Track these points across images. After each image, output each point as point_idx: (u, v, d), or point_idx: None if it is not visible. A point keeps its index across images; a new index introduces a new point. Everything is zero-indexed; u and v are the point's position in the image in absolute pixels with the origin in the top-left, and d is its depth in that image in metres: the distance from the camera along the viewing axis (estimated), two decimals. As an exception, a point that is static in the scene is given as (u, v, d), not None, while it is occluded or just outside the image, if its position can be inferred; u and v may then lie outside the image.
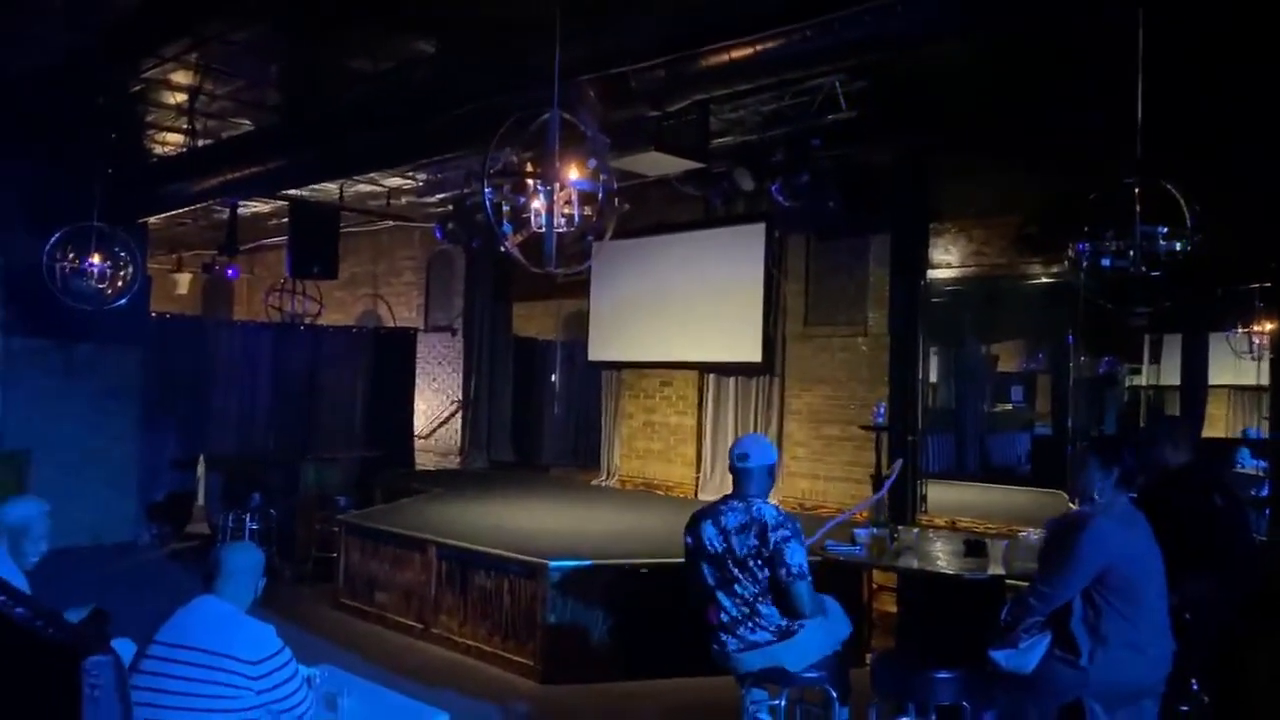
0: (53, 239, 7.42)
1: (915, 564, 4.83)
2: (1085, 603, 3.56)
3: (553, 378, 12.84)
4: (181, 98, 8.14)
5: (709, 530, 4.03)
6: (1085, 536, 3.53)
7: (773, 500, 4.19)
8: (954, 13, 4.67)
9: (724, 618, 3.97)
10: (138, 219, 9.54)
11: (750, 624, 3.94)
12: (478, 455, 11.92)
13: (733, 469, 4.12)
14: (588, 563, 6.12)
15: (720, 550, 3.98)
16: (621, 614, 6.02)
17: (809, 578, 3.91)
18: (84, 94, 7.84)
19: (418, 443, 12.59)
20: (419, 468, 12.00)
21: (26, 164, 8.61)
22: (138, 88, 7.89)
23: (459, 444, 12.41)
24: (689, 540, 4.10)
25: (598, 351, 10.49)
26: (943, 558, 4.92)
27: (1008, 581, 4.56)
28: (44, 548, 3.86)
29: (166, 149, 9.51)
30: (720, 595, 3.98)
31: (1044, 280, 7.29)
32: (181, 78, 7.70)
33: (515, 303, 12.34)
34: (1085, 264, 4.66)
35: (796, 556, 3.88)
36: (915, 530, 5.53)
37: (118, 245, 7.66)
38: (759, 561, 3.91)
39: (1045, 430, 8.19)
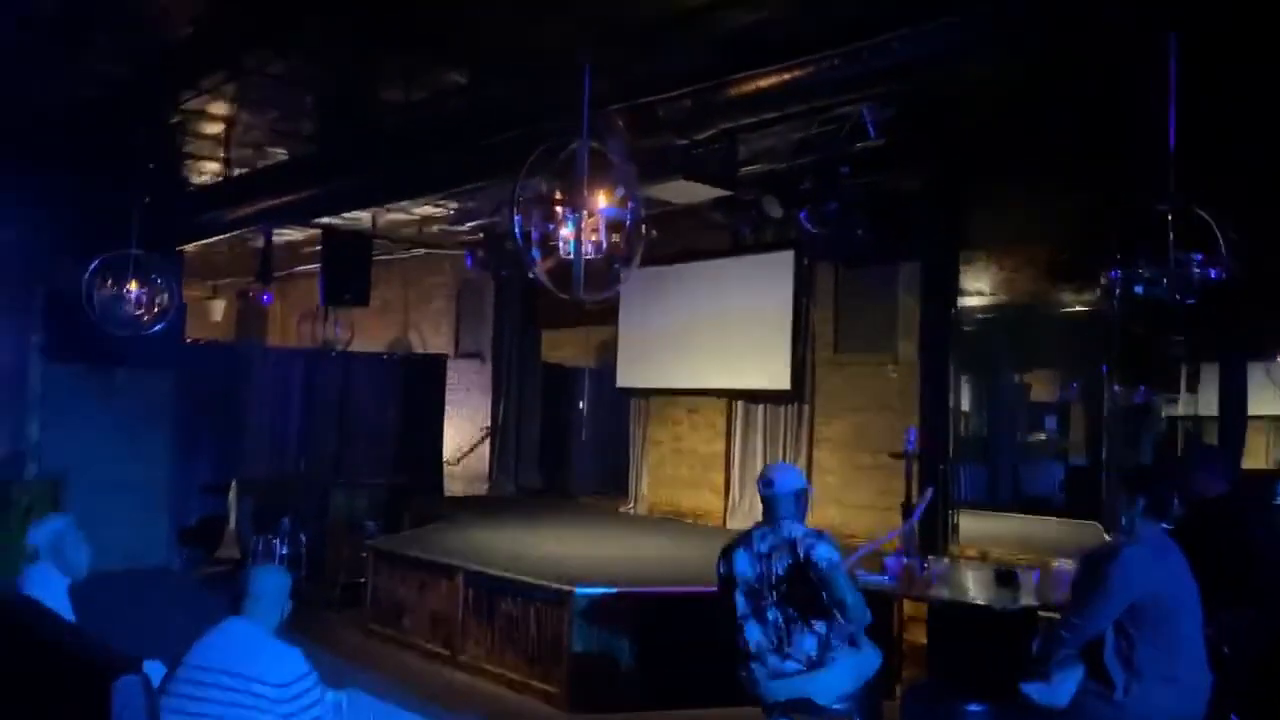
0: (92, 266, 7.59)
1: (946, 594, 4.77)
2: (1119, 634, 3.49)
3: (581, 404, 12.84)
4: (219, 128, 8.30)
5: (742, 558, 4.02)
6: (1115, 567, 3.47)
7: (801, 526, 4.17)
8: (980, 40, 4.69)
9: (753, 647, 3.95)
10: (175, 247, 9.72)
11: (780, 654, 3.91)
12: (506, 482, 11.93)
13: (761, 497, 4.13)
14: (614, 590, 6.10)
15: (755, 576, 3.96)
16: (648, 642, 5.98)
17: (844, 569, 3.88)
18: (124, 125, 8.01)
19: (446, 469, 12.63)
20: (447, 494, 12.03)
21: (68, 194, 8.80)
22: (176, 119, 8.06)
23: (487, 470, 12.43)
24: (722, 569, 4.10)
25: (626, 378, 10.50)
26: (974, 588, 4.85)
27: (1040, 613, 4.49)
28: (88, 550, 3.93)
29: (203, 178, 9.69)
30: (751, 623, 3.97)
31: (1077, 308, 7.21)
32: (219, 109, 7.86)
33: (544, 330, 12.37)
34: (1118, 292, 4.62)
35: (826, 552, 3.86)
36: (946, 560, 5.46)
37: (155, 272, 7.81)
38: (794, 580, 3.88)
39: (1080, 461, 8.07)
